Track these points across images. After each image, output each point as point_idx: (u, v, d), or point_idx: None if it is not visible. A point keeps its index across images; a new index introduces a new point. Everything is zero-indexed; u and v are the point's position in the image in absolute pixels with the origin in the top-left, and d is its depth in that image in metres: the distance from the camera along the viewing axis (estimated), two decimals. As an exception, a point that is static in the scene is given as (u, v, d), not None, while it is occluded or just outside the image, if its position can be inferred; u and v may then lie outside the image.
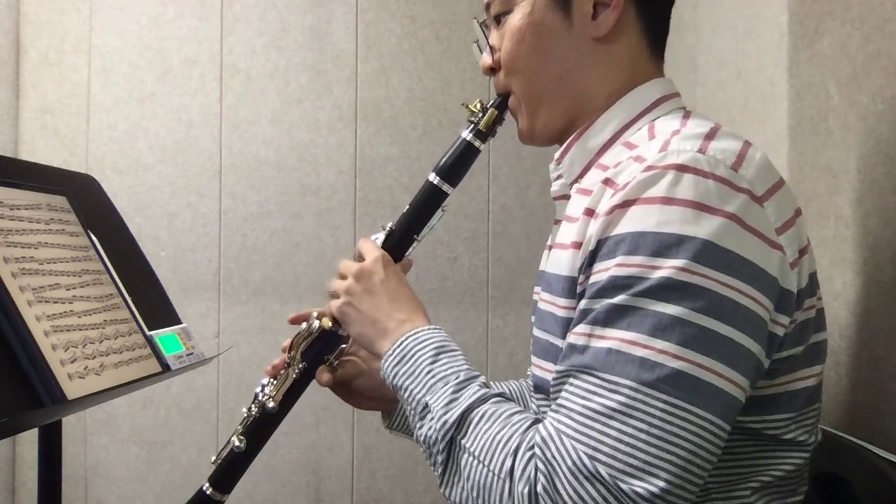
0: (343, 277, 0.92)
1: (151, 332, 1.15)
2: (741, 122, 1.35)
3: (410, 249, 0.97)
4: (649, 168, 0.68)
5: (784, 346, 0.71)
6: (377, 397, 1.04)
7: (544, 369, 0.81)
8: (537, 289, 0.90)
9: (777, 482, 0.74)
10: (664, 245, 0.65)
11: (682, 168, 0.66)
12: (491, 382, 1.09)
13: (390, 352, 0.84)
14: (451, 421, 0.74)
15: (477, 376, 0.79)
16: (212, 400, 2.01)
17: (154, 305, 1.24)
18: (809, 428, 0.76)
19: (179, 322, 1.27)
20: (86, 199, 1.21)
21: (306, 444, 2.00)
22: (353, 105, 2.02)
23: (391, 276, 0.90)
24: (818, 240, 1.05)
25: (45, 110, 2.01)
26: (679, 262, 0.64)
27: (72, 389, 0.92)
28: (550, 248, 0.90)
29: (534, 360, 0.86)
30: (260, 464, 1.02)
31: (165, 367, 1.13)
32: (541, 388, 0.83)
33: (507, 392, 1.09)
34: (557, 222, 0.90)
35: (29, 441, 1.96)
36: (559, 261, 0.78)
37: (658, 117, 0.82)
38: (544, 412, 0.83)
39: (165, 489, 2.00)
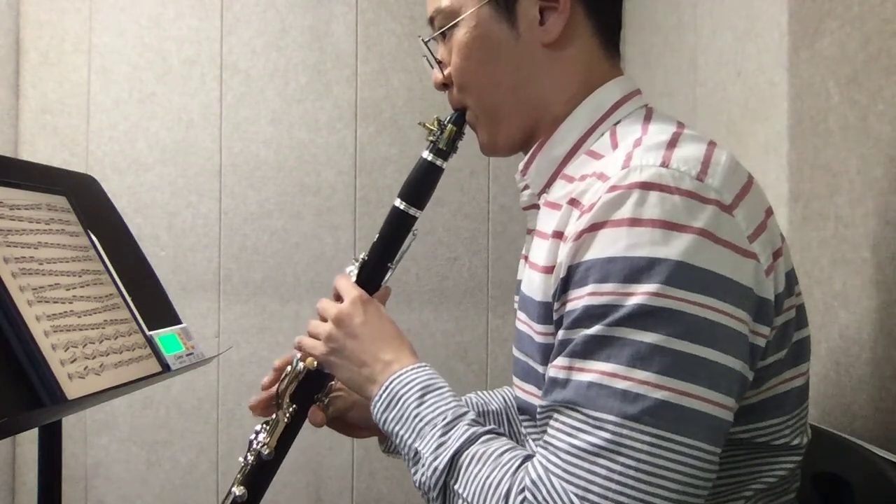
0: (323, 320, 0.91)
1: (151, 332, 1.15)
2: (741, 122, 1.35)
3: (387, 277, 0.95)
4: (613, 188, 0.66)
5: (767, 352, 0.70)
6: (369, 426, 1.03)
7: (527, 392, 0.80)
8: (517, 297, 0.89)
9: (769, 487, 0.74)
10: (635, 269, 0.63)
11: (646, 186, 0.65)
12: (484, 393, 1.09)
13: (377, 397, 0.82)
14: (440, 467, 0.73)
15: (464, 414, 0.77)
16: (212, 400, 2.01)
17: (154, 305, 1.24)
18: (800, 430, 0.75)
19: (179, 322, 1.27)
20: (86, 199, 1.21)
21: (306, 444, 2.00)
22: (353, 105, 2.02)
23: (371, 316, 0.88)
24: (818, 240, 1.05)
25: (45, 110, 2.01)
26: (652, 287, 0.62)
27: (72, 389, 0.92)
28: (526, 258, 0.88)
29: (516, 381, 0.84)
30: (260, 464, 1.02)
31: (165, 367, 1.13)
32: (525, 410, 0.82)
33: (502, 404, 1.08)
34: (530, 232, 0.88)
35: (29, 441, 1.96)
36: (532, 283, 0.77)
37: (619, 120, 0.80)
38: (531, 434, 0.82)
39: (165, 489, 2.00)
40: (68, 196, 1.16)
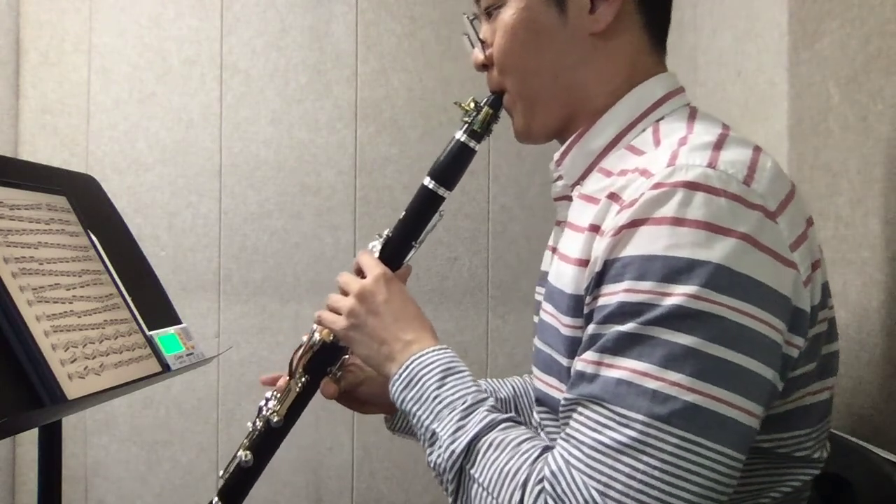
0: (344, 293, 0.90)
1: (151, 332, 1.15)
2: (741, 122, 1.35)
3: (410, 256, 0.94)
4: (658, 185, 0.64)
5: (798, 364, 0.69)
6: (380, 402, 1.04)
7: (548, 384, 0.79)
8: (540, 289, 0.88)
9: (784, 497, 0.73)
10: (675, 270, 0.62)
11: (691, 186, 0.63)
12: (494, 380, 1.09)
13: (397, 376, 0.82)
14: (458, 451, 0.72)
15: (485, 399, 0.77)
16: (212, 400, 2.01)
17: (154, 305, 1.24)
18: (822, 444, 0.75)
19: (179, 322, 1.27)
20: (86, 199, 1.21)
21: (306, 444, 2.00)
22: (353, 105, 2.02)
23: (395, 294, 0.87)
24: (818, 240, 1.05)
25: (45, 110, 2.01)
26: (691, 289, 0.61)
27: (72, 389, 0.92)
28: (554, 250, 0.87)
29: (536, 372, 0.83)
30: (260, 464, 1.02)
31: (165, 367, 1.13)
32: (543, 401, 0.81)
33: (511, 392, 1.08)
34: (559, 223, 0.88)
35: (29, 441, 1.96)
36: (562, 275, 0.76)
37: (662, 117, 0.78)
38: (547, 426, 0.81)
39: (165, 489, 2.00)
40: (68, 196, 1.15)
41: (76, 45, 2.01)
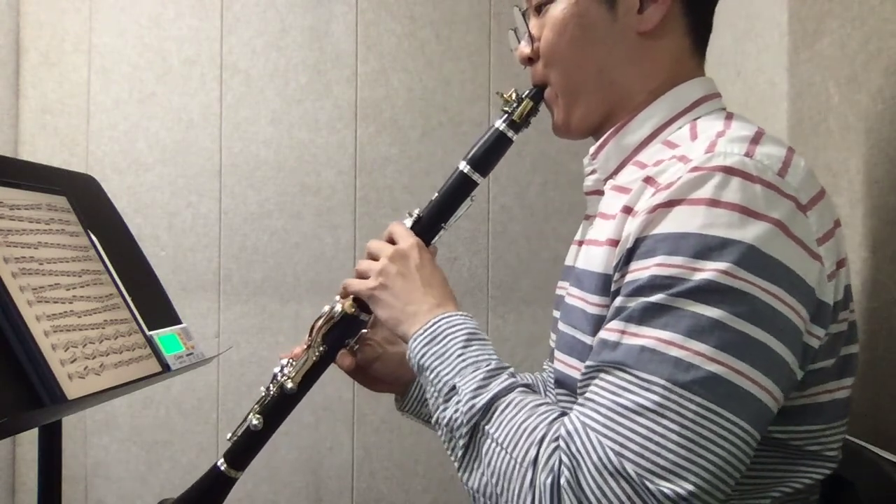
0: (374, 258, 0.91)
1: (151, 332, 1.15)
2: (741, 122, 1.35)
3: (437, 237, 0.96)
4: (696, 169, 0.66)
5: (817, 358, 0.70)
6: (392, 381, 1.05)
7: (569, 365, 0.80)
8: (563, 283, 0.89)
9: (795, 493, 0.73)
10: (707, 247, 0.64)
11: (729, 171, 0.65)
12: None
13: (420, 331, 0.82)
14: (478, 406, 0.73)
15: (507, 367, 0.78)
16: (212, 400, 2.01)
17: (154, 305, 1.24)
18: (836, 443, 0.75)
19: (179, 322, 1.27)
20: (86, 199, 1.21)
21: (306, 444, 2.00)
22: (353, 105, 2.02)
23: (426, 262, 0.89)
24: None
25: (45, 110, 2.01)
26: (722, 266, 0.63)
27: (72, 389, 0.92)
28: (580, 243, 0.89)
29: (558, 355, 0.84)
30: (260, 464, 1.02)
31: (165, 367, 1.13)
32: (563, 383, 0.82)
33: (532, 383, 1.08)
34: (588, 217, 0.89)
35: (29, 441, 1.96)
36: (593, 257, 0.77)
37: (699, 117, 0.80)
38: (567, 408, 0.82)
39: (165, 489, 2.00)
40: (68, 196, 1.15)
41: (76, 45, 2.01)
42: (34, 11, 2.01)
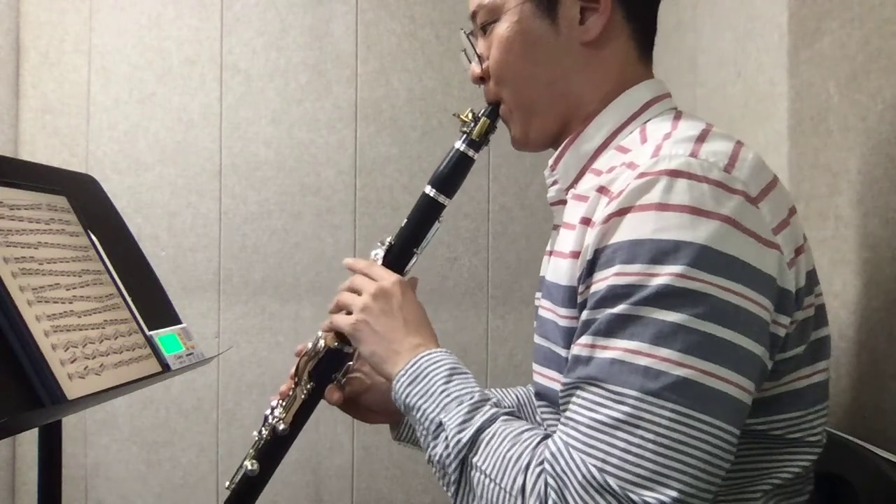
0: (356, 292, 0.92)
1: (151, 332, 1.15)
2: (741, 122, 1.35)
3: (411, 263, 0.97)
4: (642, 175, 0.67)
5: (787, 346, 0.71)
6: (383, 411, 1.05)
7: (547, 377, 0.81)
8: (538, 295, 0.90)
9: (785, 484, 0.74)
10: (662, 252, 0.64)
11: (674, 173, 0.66)
12: (499, 390, 1.10)
13: (403, 372, 0.83)
14: (464, 440, 0.74)
15: (489, 399, 0.79)
16: (212, 400, 2.01)
17: (154, 305, 1.24)
18: (818, 428, 0.76)
19: (179, 322, 1.27)
20: (86, 199, 1.21)
21: (306, 444, 2.00)
22: (353, 105, 2.02)
23: (409, 301, 0.90)
24: (818, 240, 1.05)
25: (45, 110, 2.01)
26: (677, 269, 0.63)
27: (72, 389, 0.92)
28: (550, 253, 0.89)
29: (536, 367, 0.86)
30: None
31: (165, 367, 1.13)
32: (543, 395, 0.83)
33: (515, 402, 1.09)
34: (556, 227, 0.90)
35: (29, 441, 1.96)
36: (558, 269, 0.78)
37: (649, 119, 0.82)
38: (547, 419, 0.83)
39: (165, 489, 2.00)
40: (68, 196, 1.15)
41: (76, 45, 2.01)
42: (34, 11, 2.01)
